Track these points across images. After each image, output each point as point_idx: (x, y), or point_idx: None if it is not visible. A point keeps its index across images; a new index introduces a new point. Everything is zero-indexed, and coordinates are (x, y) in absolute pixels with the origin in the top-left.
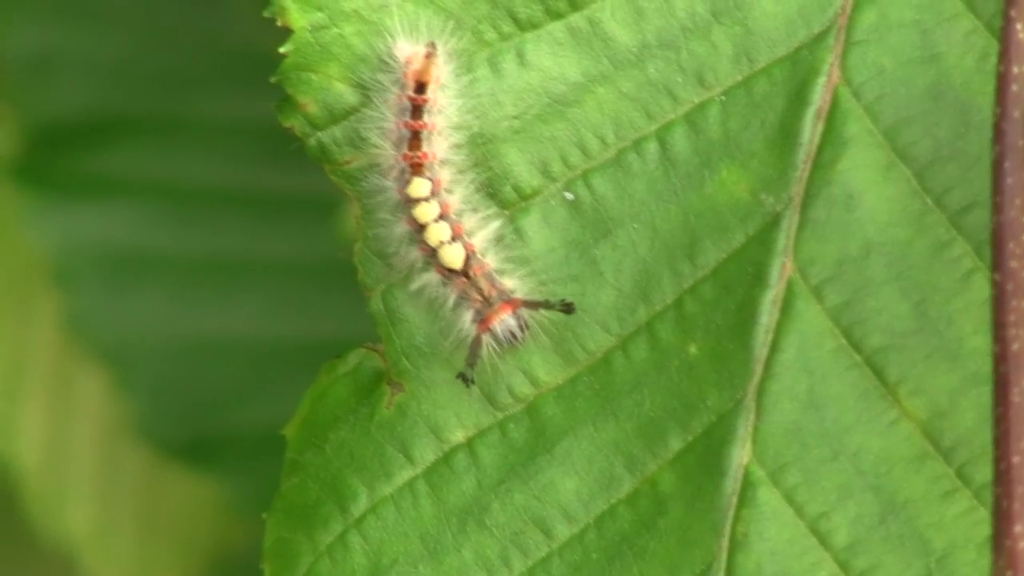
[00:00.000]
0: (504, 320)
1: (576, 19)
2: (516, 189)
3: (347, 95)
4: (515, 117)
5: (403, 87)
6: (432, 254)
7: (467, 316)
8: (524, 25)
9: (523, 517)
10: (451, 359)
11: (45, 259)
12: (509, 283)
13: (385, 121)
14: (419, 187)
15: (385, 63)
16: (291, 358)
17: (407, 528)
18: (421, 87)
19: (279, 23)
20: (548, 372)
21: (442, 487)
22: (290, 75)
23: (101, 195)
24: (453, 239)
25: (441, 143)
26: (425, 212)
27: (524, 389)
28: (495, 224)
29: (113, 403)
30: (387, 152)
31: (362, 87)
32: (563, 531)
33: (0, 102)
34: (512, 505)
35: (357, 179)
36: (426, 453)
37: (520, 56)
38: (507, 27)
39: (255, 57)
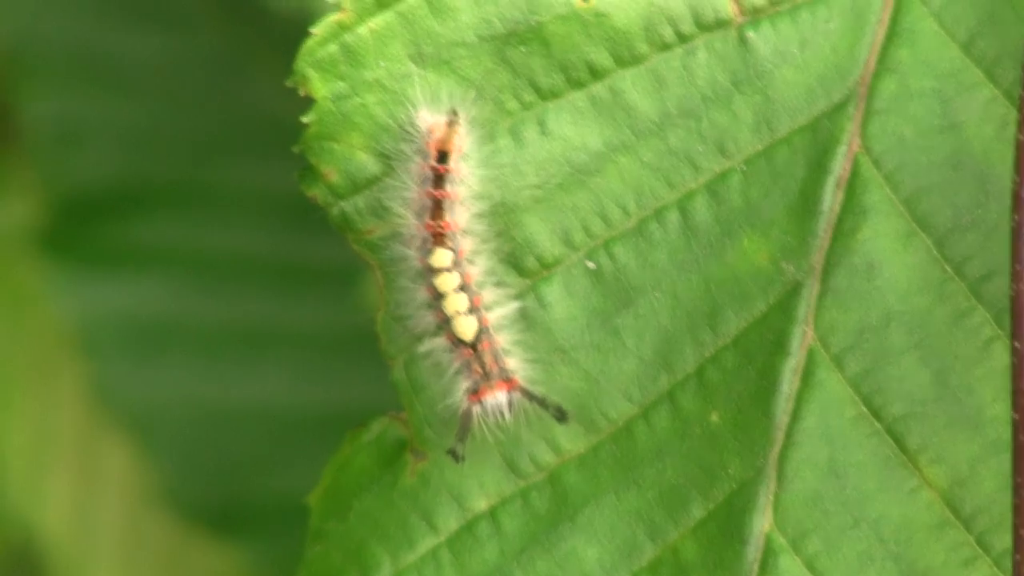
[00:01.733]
0: (496, 396)
1: (598, 88)
2: (538, 258)
3: (369, 164)
4: (537, 186)
5: (425, 156)
6: (446, 322)
7: (463, 386)
8: (545, 94)
9: None
10: (474, 430)
11: (71, 328)
12: (513, 364)
13: (407, 190)
14: (441, 257)
15: (407, 132)
16: (315, 426)
17: None
18: (443, 156)
19: (301, 92)
20: (570, 441)
21: (465, 555)
22: (313, 144)
23: (126, 264)
24: (469, 311)
25: (463, 212)
26: (445, 282)
27: (546, 458)
28: (513, 305)
29: (138, 471)
30: (409, 221)
31: (384, 156)
32: None
33: (26, 172)
34: (535, 573)
35: (380, 248)
36: (449, 521)
37: (542, 125)
38: (529, 96)
39: (279, 126)
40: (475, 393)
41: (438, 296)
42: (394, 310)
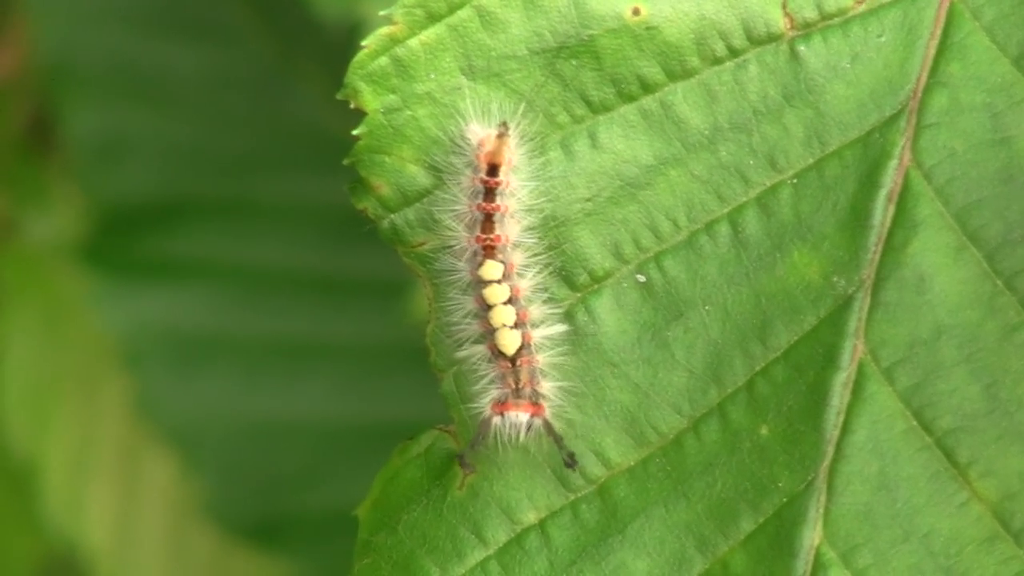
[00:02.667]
0: (519, 415)
1: (648, 102)
2: (589, 272)
3: (420, 177)
4: (587, 199)
5: (476, 170)
6: (490, 333)
7: (490, 396)
8: (596, 108)
9: None
10: (523, 443)
11: (113, 341)
12: (547, 387)
13: (458, 203)
14: (491, 270)
15: (457, 146)
16: (358, 439)
17: None
18: (494, 169)
19: (352, 106)
20: (620, 454)
21: (515, 568)
22: (363, 157)
23: (170, 277)
24: (516, 325)
25: (513, 226)
26: (494, 294)
27: (596, 470)
28: (559, 327)
29: (181, 484)
30: (460, 234)
31: (435, 169)
32: None
33: (70, 185)
34: None
35: (430, 260)
36: (498, 534)
37: (592, 138)
38: (579, 110)
39: (321, 140)
40: (501, 404)
41: (485, 307)
42: (442, 320)
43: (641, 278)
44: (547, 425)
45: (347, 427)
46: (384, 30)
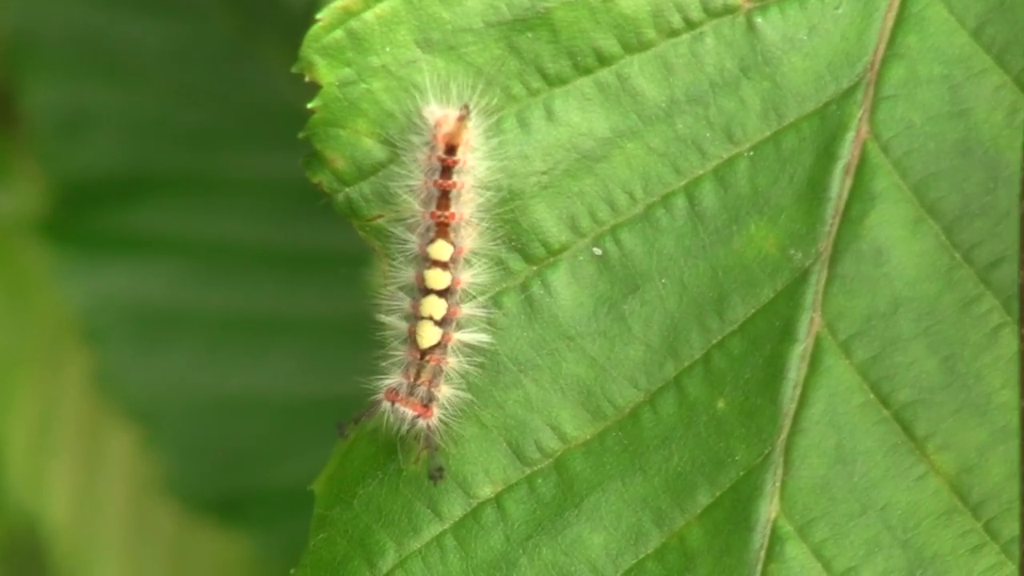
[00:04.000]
0: (406, 412)
1: (605, 74)
2: (544, 245)
3: (375, 151)
4: (544, 173)
5: (433, 148)
6: (416, 319)
7: (389, 380)
8: (552, 80)
9: (551, 572)
10: (479, 415)
11: (74, 316)
12: (446, 393)
13: (413, 179)
14: (441, 250)
15: (415, 124)
16: (319, 414)
17: None
18: (452, 149)
19: (307, 79)
20: (576, 427)
21: (470, 542)
22: (318, 131)
23: (130, 252)
24: (441, 321)
25: (469, 202)
26: (436, 279)
27: (552, 444)
28: (482, 336)
29: (142, 460)
30: (415, 208)
31: (390, 143)
32: None
33: (30, 160)
34: (540, 560)
35: (385, 234)
36: (454, 508)
37: (549, 111)
38: (536, 83)
39: (285, 113)
40: (394, 394)
41: (422, 290)
42: (383, 287)
43: (597, 251)
44: (428, 432)
45: (310, 402)
46: (339, 3)
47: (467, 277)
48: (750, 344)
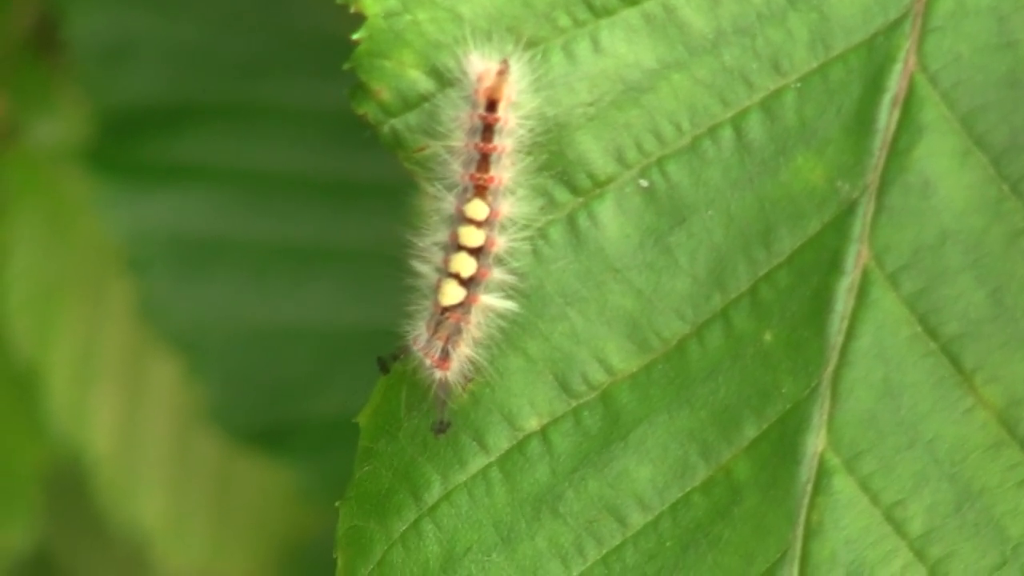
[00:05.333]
0: (425, 363)
1: (651, 5)
2: (591, 176)
3: (421, 82)
4: (589, 104)
5: (475, 105)
6: (444, 275)
7: (415, 329)
8: (599, 11)
9: (597, 505)
10: (525, 348)
11: (118, 245)
12: (461, 352)
13: (454, 140)
14: (477, 209)
15: (457, 78)
16: (364, 345)
17: (481, 516)
18: (493, 105)
19: (352, 10)
20: (623, 360)
21: (516, 475)
22: (363, 62)
23: (174, 182)
24: (467, 281)
25: (509, 167)
26: (469, 236)
27: (598, 376)
28: (509, 304)
29: (185, 390)
30: (455, 170)
31: (436, 73)
32: (637, 519)
33: (74, 89)
34: (586, 493)
35: (430, 166)
36: (500, 441)
37: (595, 43)
38: (582, 14)
39: (329, 43)
40: (416, 342)
41: (454, 246)
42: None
43: (644, 183)
44: (443, 384)
45: (353, 332)
46: None
47: (502, 242)
48: (797, 276)
